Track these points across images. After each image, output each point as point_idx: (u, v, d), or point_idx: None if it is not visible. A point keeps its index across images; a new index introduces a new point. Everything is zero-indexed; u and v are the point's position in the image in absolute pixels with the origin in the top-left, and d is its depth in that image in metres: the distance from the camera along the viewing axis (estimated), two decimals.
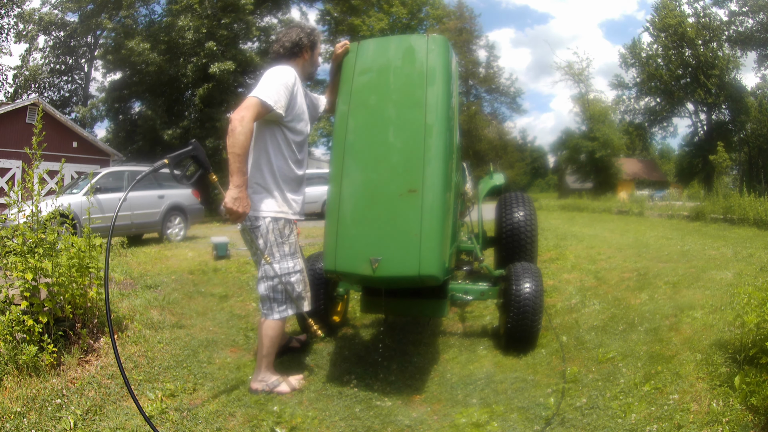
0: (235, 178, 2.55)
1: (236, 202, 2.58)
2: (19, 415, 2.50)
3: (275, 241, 2.79)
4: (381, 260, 2.59)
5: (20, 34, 29.18)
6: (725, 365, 2.79)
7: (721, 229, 10.04)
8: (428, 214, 2.60)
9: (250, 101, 2.60)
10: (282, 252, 2.81)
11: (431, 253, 2.60)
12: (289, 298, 2.85)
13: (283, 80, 2.73)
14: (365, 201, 2.73)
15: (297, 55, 2.97)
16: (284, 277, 2.81)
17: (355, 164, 2.78)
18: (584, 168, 37.22)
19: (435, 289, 3.48)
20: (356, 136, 2.81)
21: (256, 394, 2.84)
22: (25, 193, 3.38)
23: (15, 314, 3.00)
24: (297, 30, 3.01)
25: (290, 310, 2.87)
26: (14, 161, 16.33)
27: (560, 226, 11.84)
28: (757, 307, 2.80)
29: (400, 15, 39.13)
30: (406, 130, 2.74)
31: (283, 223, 2.82)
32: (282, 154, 2.81)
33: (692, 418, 2.36)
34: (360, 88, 2.90)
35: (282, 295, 2.83)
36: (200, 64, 23.84)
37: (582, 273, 5.69)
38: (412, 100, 2.78)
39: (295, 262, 2.86)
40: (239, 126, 2.51)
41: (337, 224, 2.74)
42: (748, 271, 5.03)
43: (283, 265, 2.82)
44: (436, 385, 3.03)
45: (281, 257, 2.81)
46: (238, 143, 2.51)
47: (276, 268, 2.80)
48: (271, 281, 2.81)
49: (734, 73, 35.17)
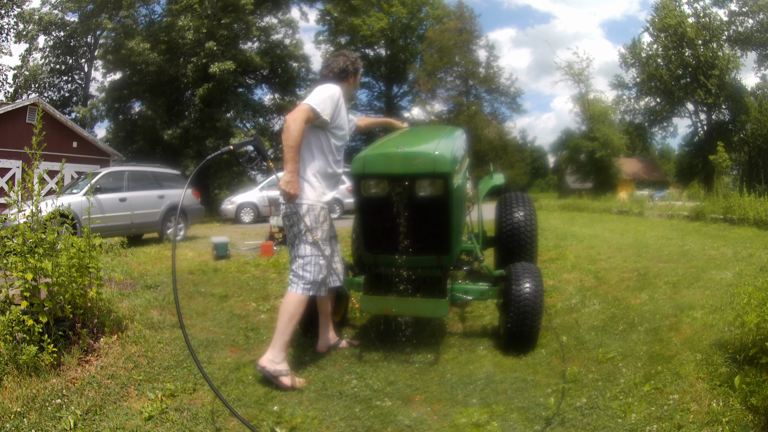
0: (289, 165, 3.05)
1: (289, 185, 3.07)
2: (19, 415, 2.50)
3: (311, 226, 3.15)
4: (403, 150, 3.27)
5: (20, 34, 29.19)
6: (725, 365, 2.79)
7: (721, 229, 10.03)
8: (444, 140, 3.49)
9: (303, 107, 3.11)
10: (315, 236, 3.17)
11: (443, 156, 3.21)
12: (315, 279, 3.15)
13: (330, 93, 3.24)
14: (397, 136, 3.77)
15: (343, 80, 3.47)
16: (315, 258, 3.15)
17: None
18: (584, 168, 37.19)
19: (435, 287, 3.49)
20: None
21: (260, 372, 2.97)
22: (25, 193, 3.38)
23: (15, 314, 3.00)
24: (344, 58, 3.52)
25: (314, 290, 3.17)
26: (14, 161, 16.33)
27: (560, 226, 11.84)
28: (757, 307, 2.80)
29: (400, 15, 39.14)
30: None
31: (319, 210, 3.20)
32: (323, 154, 3.27)
33: (692, 418, 2.36)
34: None
35: (310, 274, 3.13)
36: (200, 64, 23.85)
37: (582, 273, 5.69)
38: None
39: (325, 247, 3.20)
40: (293, 124, 3.02)
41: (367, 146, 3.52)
42: (748, 271, 5.03)
43: (315, 248, 3.16)
44: (436, 385, 3.03)
45: (314, 242, 3.16)
46: (292, 138, 3.02)
47: (308, 248, 3.15)
48: (302, 260, 3.15)
49: (734, 73, 35.15)
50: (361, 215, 3.46)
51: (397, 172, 3.20)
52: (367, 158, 3.30)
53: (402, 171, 3.18)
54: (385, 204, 3.28)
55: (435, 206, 3.25)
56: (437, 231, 3.33)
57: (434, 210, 3.27)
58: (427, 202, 3.22)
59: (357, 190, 3.36)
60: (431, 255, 3.36)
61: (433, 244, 3.35)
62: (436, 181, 3.18)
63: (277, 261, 6.91)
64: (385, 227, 3.34)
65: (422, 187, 3.20)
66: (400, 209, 3.26)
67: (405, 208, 3.25)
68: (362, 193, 3.34)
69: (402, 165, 3.20)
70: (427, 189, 3.20)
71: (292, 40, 29.04)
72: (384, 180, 3.25)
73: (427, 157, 3.19)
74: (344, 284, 3.62)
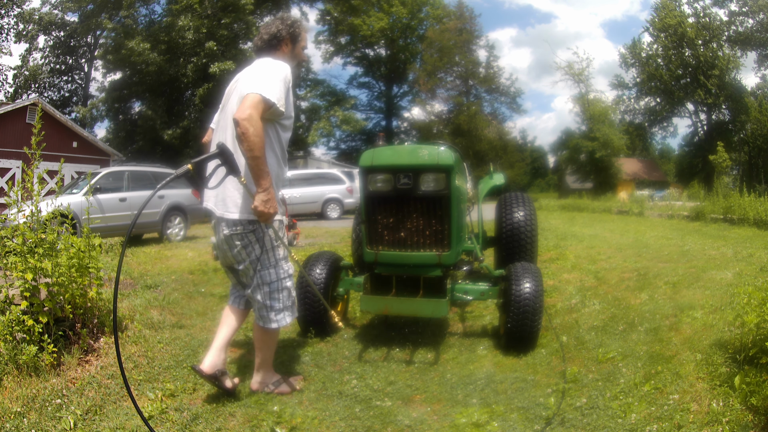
0: (263, 181, 2.46)
1: (267, 204, 2.49)
2: (19, 415, 2.50)
3: (272, 245, 2.68)
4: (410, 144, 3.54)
5: (20, 34, 29.21)
6: (725, 365, 2.79)
7: (721, 229, 10.03)
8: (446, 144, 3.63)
9: (254, 99, 2.43)
10: (277, 256, 2.70)
11: (447, 152, 3.41)
12: (285, 305, 2.75)
13: (282, 75, 2.59)
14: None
15: (276, 48, 2.82)
16: (282, 281, 2.72)
17: None
18: (584, 168, 37.21)
19: (435, 286, 3.49)
20: None
21: (255, 394, 2.84)
22: (25, 193, 3.38)
23: (15, 314, 3.00)
24: (278, 22, 2.87)
25: (288, 317, 2.77)
26: (14, 161, 16.33)
27: (560, 226, 11.84)
28: (757, 307, 2.80)
29: (400, 15, 39.16)
30: None
31: (278, 225, 2.72)
32: (274, 153, 2.67)
33: (692, 418, 2.36)
34: None
35: (280, 302, 2.72)
36: (200, 64, 23.88)
37: (582, 273, 5.69)
38: None
39: (288, 265, 2.77)
40: (251, 128, 2.37)
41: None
42: (748, 271, 5.03)
43: (279, 270, 2.71)
44: (436, 385, 3.03)
45: (276, 261, 2.70)
46: (256, 146, 2.39)
47: (272, 273, 2.69)
48: (268, 287, 2.69)
49: (734, 73, 35.17)
50: (366, 210, 3.50)
51: (403, 163, 3.37)
52: (376, 151, 3.49)
53: (408, 162, 3.36)
54: (390, 199, 3.42)
55: (437, 201, 3.36)
56: (439, 226, 3.38)
57: (436, 205, 3.37)
58: (430, 196, 3.35)
59: (364, 184, 3.48)
60: (432, 251, 3.38)
61: (434, 239, 3.38)
62: (440, 176, 3.32)
63: None
64: (389, 222, 3.44)
65: (426, 181, 3.33)
66: (404, 204, 3.39)
67: (409, 203, 3.38)
68: (369, 187, 3.45)
69: (409, 157, 3.42)
70: (431, 184, 3.33)
71: None
72: (390, 174, 3.38)
73: (432, 150, 3.40)
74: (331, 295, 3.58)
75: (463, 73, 41.33)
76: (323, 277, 3.77)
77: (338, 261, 4.01)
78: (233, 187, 2.61)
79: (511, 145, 42.70)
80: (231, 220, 2.62)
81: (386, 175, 3.40)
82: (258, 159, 2.41)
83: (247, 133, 2.36)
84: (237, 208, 2.61)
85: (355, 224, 4.92)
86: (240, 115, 2.38)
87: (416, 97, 42.44)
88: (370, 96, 44.30)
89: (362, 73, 43.05)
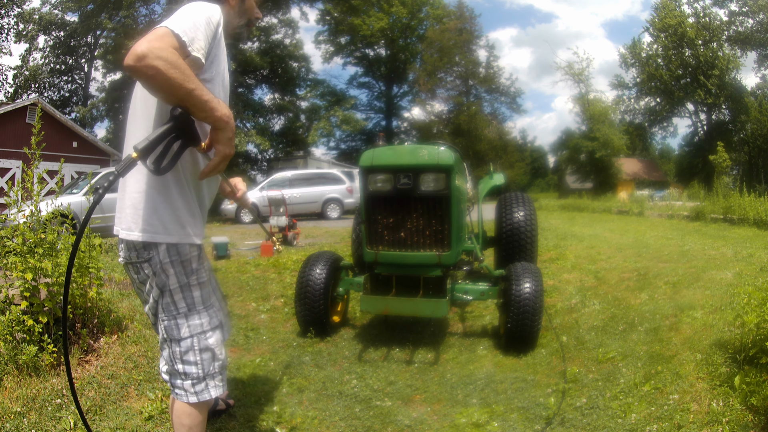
0: (212, 113, 1.58)
1: (231, 143, 1.65)
2: (19, 415, 2.50)
3: (178, 283, 1.75)
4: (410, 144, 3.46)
5: (20, 34, 29.20)
6: (725, 365, 2.79)
7: (721, 229, 10.03)
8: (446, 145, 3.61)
9: (157, 32, 1.53)
10: (189, 300, 1.78)
11: (447, 152, 3.41)
12: (207, 371, 1.80)
13: (206, 15, 1.68)
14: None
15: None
16: (198, 339, 1.78)
17: None
18: (584, 168, 37.20)
19: (435, 286, 3.49)
20: None
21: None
22: (25, 193, 3.38)
23: (15, 314, 3.00)
24: None
25: (213, 389, 1.82)
26: (14, 161, 16.33)
27: (560, 226, 11.83)
28: (757, 307, 2.80)
29: (400, 15, 39.13)
30: None
31: (188, 251, 1.76)
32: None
33: (692, 418, 2.36)
34: None
35: (197, 367, 1.79)
36: None
37: (582, 273, 5.69)
38: None
39: (211, 313, 1.83)
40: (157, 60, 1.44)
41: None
42: (748, 271, 5.03)
43: (192, 321, 1.78)
44: (436, 385, 3.03)
45: (189, 309, 1.78)
46: (177, 66, 1.47)
47: (182, 326, 1.77)
48: (178, 346, 1.78)
49: (734, 73, 35.14)
50: (366, 210, 3.50)
51: (404, 163, 3.37)
52: (376, 151, 3.48)
53: (408, 162, 3.36)
54: (390, 199, 3.41)
55: (437, 201, 3.36)
56: (439, 226, 3.38)
57: (436, 205, 3.37)
58: (430, 196, 3.35)
59: (364, 184, 3.47)
60: (432, 251, 3.38)
61: (434, 239, 3.38)
62: (440, 176, 3.32)
63: (277, 261, 6.90)
64: (389, 222, 3.43)
65: (426, 181, 3.33)
66: (404, 204, 3.38)
67: (408, 203, 3.37)
68: (369, 187, 3.45)
69: (409, 157, 3.41)
70: (431, 184, 3.33)
71: (292, 40, 29.14)
72: (390, 173, 3.38)
73: (432, 150, 3.41)
74: None
75: (463, 73, 41.31)
76: (323, 277, 3.77)
77: (338, 261, 4.01)
78: (134, 190, 1.74)
79: (511, 145, 42.69)
80: (128, 242, 1.77)
81: (386, 175, 3.40)
82: (192, 91, 1.51)
83: (158, 67, 1.44)
84: (134, 224, 1.73)
85: (355, 224, 4.93)
86: (136, 51, 1.44)
87: (416, 97, 42.43)
88: (370, 96, 44.33)
89: (362, 73, 43.07)
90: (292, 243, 9.04)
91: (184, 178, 1.74)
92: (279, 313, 4.56)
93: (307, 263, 3.91)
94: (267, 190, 14.49)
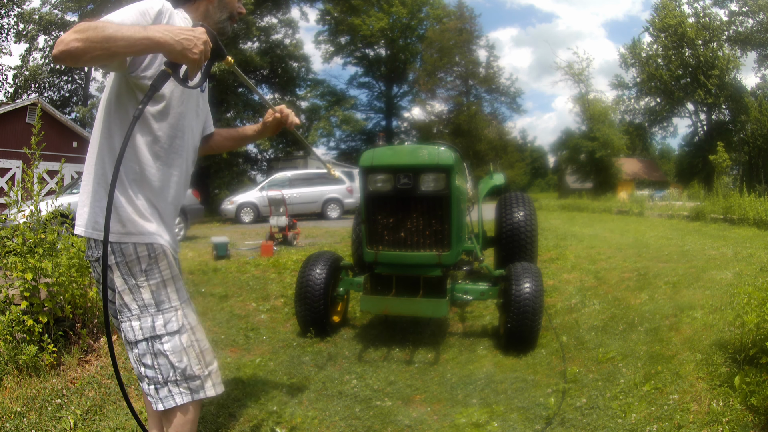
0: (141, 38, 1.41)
1: (188, 42, 1.45)
2: (19, 415, 2.50)
3: (125, 284, 1.67)
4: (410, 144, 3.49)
5: (20, 34, 29.18)
6: (725, 365, 2.79)
7: (721, 229, 10.03)
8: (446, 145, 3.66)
9: (79, 26, 1.41)
10: (140, 302, 1.68)
11: (447, 152, 3.42)
12: (168, 377, 1.69)
13: (140, 8, 1.59)
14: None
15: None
16: (153, 343, 1.68)
17: None
18: (584, 168, 37.19)
19: (435, 286, 3.49)
20: None
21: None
22: (25, 193, 3.38)
23: (15, 314, 3.00)
24: None
25: (179, 396, 1.70)
26: (14, 161, 16.32)
27: (560, 226, 11.83)
28: (757, 307, 2.80)
29: (400, 15, 39.12)
30: None
31: (133, 251, 1.66)
32: (145, 138, 1.68)
33: (692, 418, 2.36)
34: None
35: (156, 371, 1.69)
36: None
37: (582, 273, 5.69)
38: None
39: (167, 317, 1.70)
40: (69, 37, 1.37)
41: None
42: (748, 271, 5.03)
43: (145, 323, 1.68)
44: (436, 385, 3.03)
45: (141, 310, 1.68)
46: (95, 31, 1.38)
47: (136, 328, 1.68)
48: (136, 348, 1.69)
49: (734, 73, 35.13)
50: (366, 210, 3.50)
51: (403, 163, 3.37)
52: (376, 151, 3.49)
53: (408, 162, 3.37)
54: (390, 199, 3.42)
55: (437, 201, 3.36)
56: (439, 226, 3.38)
57: (436, 205, 3.37)
58: (429, 196, 3.35)
59: (364, 184, 3.47)
60: (432, 251, 3.38)
61: (434, 239, 3.38)
62: (439, 176, 3.33)
63: (277, 261, 6.90)
64: (389, 222, 3.44)
65: (426, 181, 3.33)
66: (404, 204, 3.38)
67: (408, 203, 3.38)
68: (369, 187, 3.45)
69: (408, 157, 3.42)
70: (431, 184, 3.33)
71: (292, 40, 29.11)
72: (390, 173, 3.38)
73: (432, 150, 3.41)
74: None
75: (463, 73, 41.32)
76: (323, 277, 3.77)
77: (338, 261, 4.01)
78: (84, 189, 1.71)
79: (511, 145, 42.71)
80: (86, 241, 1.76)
81: (386, 175, 3.40)
82: (110, 38, 1.38)
83: (76, 39, 1.37)
84: (80, 220, 1.71)
85: (355, 224, 4.93)
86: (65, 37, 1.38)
87: (416, 97, 42.43)
88: (370, 96, 44.30)
89: (362, 73, 43.06)
90: (292, 243, 9.04)
91: (124, 175, 1.64)
92: (279, 313, 4.56)
93: (307, 263, 3.91)
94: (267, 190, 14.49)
